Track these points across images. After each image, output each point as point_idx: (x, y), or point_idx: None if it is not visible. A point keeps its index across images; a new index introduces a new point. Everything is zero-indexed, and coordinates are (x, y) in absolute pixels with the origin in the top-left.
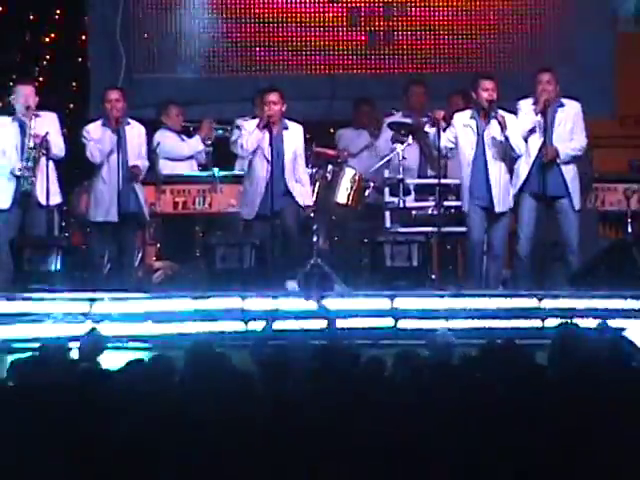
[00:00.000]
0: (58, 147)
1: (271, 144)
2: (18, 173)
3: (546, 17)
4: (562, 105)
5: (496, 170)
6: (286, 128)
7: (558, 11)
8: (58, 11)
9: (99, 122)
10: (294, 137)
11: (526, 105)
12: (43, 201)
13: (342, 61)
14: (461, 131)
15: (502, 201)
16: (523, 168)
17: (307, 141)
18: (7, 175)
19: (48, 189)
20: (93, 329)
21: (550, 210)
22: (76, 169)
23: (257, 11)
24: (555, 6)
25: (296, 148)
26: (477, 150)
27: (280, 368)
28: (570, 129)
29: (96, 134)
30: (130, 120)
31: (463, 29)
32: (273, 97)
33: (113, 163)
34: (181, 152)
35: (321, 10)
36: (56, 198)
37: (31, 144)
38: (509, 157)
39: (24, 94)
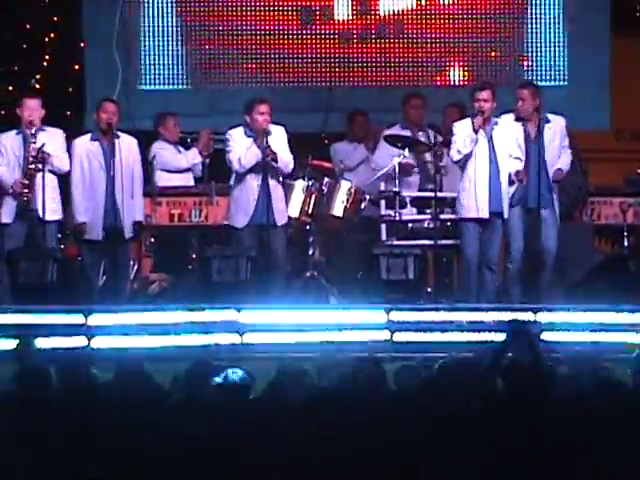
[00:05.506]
0: (62, 162)
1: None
2: (10, 190)
3: (542, 31)
4: (548, 121)
5: (504, 176)
6: (269, 133)
7: (553, 26)
8: (55, 19)
9: (87, 136)
10: (277, 138)
11: (509, 120)
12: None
13: (338, 73)
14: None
15: (508, 207)
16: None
17: (293, 146)
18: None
19: (44, 204)
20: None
21: (537, 221)
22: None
23: (254, 23)
24: (551, 21)
25: (279, 147)
26: (489, 156)
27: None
28: (559, 145)
29: (82, 149)
30: (120, 133)
31: (458, 43)
32: (265, 108)
33: (99, 179)
34: (178, 164)
35: (317, 22)
36: (55, 214)
37: (30, 159)
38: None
39: (29, 107)
